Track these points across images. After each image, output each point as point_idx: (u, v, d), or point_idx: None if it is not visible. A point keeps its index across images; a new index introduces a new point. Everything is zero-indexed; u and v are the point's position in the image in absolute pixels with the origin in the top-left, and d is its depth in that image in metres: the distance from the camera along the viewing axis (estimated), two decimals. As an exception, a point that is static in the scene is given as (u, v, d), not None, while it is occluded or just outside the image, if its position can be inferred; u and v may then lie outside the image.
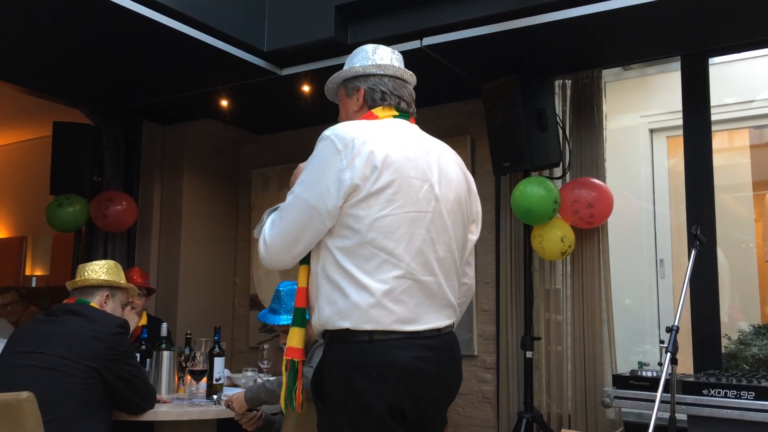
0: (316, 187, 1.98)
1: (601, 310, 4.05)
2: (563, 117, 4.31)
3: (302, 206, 1.98)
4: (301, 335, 2.08)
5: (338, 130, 2.04)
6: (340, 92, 2.27)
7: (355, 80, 2.22)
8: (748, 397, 2.98)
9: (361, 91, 2.20)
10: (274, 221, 2.01)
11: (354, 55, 2.27)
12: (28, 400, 2.54)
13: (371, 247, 1.95)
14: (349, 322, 1.94)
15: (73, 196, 4.98)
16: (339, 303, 1.96)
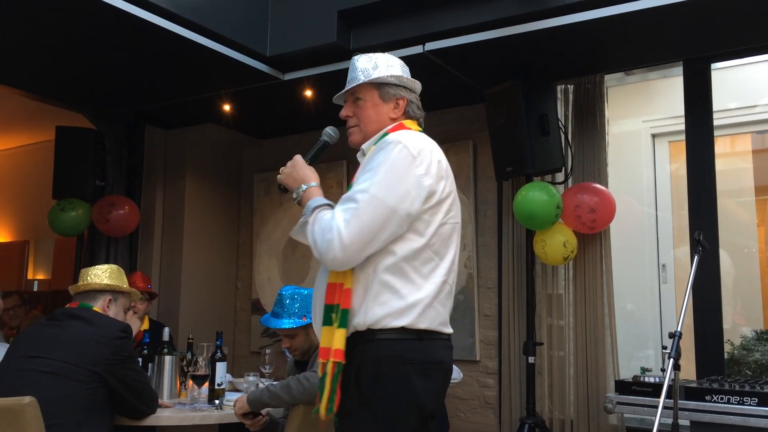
0: (396, 190, 1.98)
1: (604, 315, 4.05)
2: (565, 122, 4.31)
3: (381, 207, 1.96)
4: (344, 337, 1.99)
5: (407, 138, 2.06)
6: (370, 92, 2.24)
7: (397, 88, 2.24)
8: (751, 403, 2.97)
9: (404, 100, 2.24)
10: (348, 220, 1.95)
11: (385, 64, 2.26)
12: (30, 405, 2.54)
13: (431, 252, 2.04)
14: (405, 321, 1.98)
15: (75, 200, 4.99)
16: (393, 303, 1.99)
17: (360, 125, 2.27)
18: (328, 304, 2.04)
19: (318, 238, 2.00)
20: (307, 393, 2.75)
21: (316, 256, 2.03)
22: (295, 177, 2.20)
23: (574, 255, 4.04)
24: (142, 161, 5.46)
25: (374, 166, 2.02)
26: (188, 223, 5.40)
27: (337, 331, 1.99)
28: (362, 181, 2.02)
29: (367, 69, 2.23)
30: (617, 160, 4.54)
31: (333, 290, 2.04)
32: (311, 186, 2.17)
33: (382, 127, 2.23)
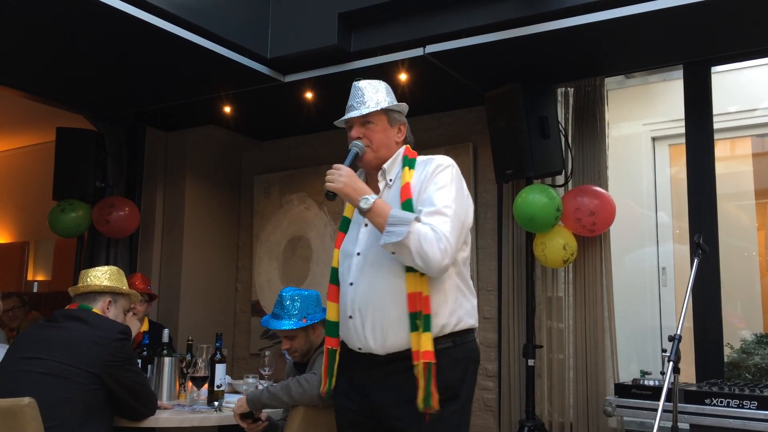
0: (463, 207, 2.32)
1: (603, 318, 4.04)
2: (566, 125, 4.31)
3: (459, 221, 2.27)
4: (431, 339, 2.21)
5: (452, 162, 2.43)
6: (380, 117, 2.47)
7: (400, 115, 2.52)
8: (751, 407, 2.97)
9: (405, 127, 2.53)
10: (451, 231, 2.22)
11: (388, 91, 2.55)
12: (29, 406, 2.54)
13: (468, 260, 2.43)
14: (473, 321, 2.37)
15: (75, 201, 4.99)
16: (465, 305, 2.35)
17: (372, 146, 2.44)
18: (413, 312, 2.22)
19: (429, 248, 2.18)
20: (307, 395, 2.75)
21: (419, 264, 2.18)
22: (354, 187, 2.29)
23: (574, 258, 4.03)
24: (143, 163, 5.46)
25: (443, 185, 2.31)
26: (188, 225, 5.40)
27: (423, 335, 2.20)
28: (440, 198, 2.28)
29: (376, 96, 2.49)
30: (617, 163, 4.54)
31: (414, 299, 2.22)
32: (377, 198, 2.27)
33: (391, 150, 2.47)
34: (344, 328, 2.39)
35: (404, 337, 2.24)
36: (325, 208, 5.37)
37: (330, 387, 2.44)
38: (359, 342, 2.33)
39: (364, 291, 2.32)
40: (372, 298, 2.30)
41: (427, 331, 2.20)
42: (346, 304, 2.36)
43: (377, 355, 2.31)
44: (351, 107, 2.50)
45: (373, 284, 2.31)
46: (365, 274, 2.33)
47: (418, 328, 2.20)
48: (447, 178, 2.33)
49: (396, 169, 2.45)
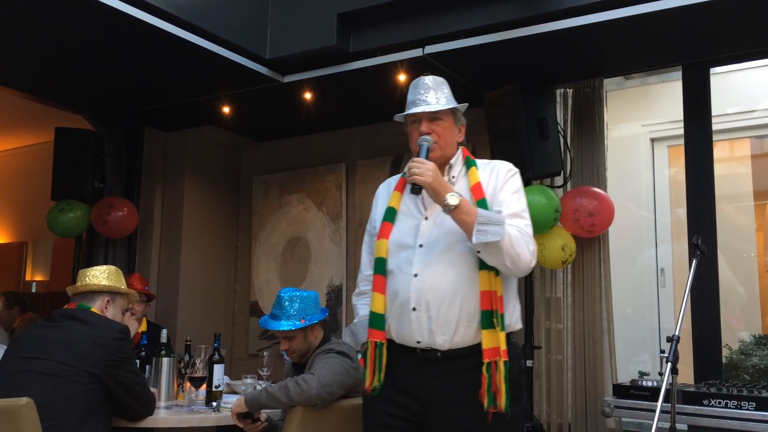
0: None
1: (602, 319, 4.05)
2: (564, 126, 4.31)
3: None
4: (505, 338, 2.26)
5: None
6: (449, 116, 2.48)
7: (462, 116, 2.53)
8: (749, 408, 2.97)
9: (464, 128, 2.54)
10: (532, 234, 2.34)
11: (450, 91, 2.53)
12: (27, 406, 2.54)
13: None
14: (521, 323, 2.44)
15: (74, 201, 4.99)
16: (518, 307, 2.43)
17: (440, 143, 2.41)
18: (487, 309, 2.25)
19: (521, 250, 2.25)
20: (305, 395, 2.74)
21: (507, 264, 2.23)
22: (441, 183, 2.27)
23: (573, 259, 4.04)
24: (142, 163, 5.46)
25: (516, 191, 2.41)
26: (187, 226, 5.40)
27: (500, 334, 2.24)
28: (516, 202, 2.38)
29: (445, 94, 2.49)
30: (616, 164, 4.54)
31: (488, 297, 2.26)
32: (462, 196, 2.26)
33: (454, 149, 2.47)
34: (399, 321, 2.34)
35: (472, 333, 2.26)
36: (324, 209, 5.37)
37: (380, 383, 2.32)
38: (420, 336, 2.29)
39: (431, 284, 2.29)
40: (441, 291, 2.28)
41: (503, 330, 2.25)
42: (408, 295, 2.30)
43: (434, 351, 2.28)
44: (420, 101, 2.43)
45: (442, 278, 2.29)
46: (432, 267, 2.30)
47: (495, 326, 2.23)
48: (518, 184, 2.43)
49: (458, 167, 2.46)
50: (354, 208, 5.26)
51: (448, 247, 2.31)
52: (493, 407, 2.18)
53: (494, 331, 2.22)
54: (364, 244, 2.63)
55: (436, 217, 2.36)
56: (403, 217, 2.43)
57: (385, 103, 4.65)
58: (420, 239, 2.35)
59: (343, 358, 2.95)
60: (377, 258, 2.40)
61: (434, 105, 2.41)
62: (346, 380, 2.87)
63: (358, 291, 2.63)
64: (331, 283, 5.27)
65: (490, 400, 2.18)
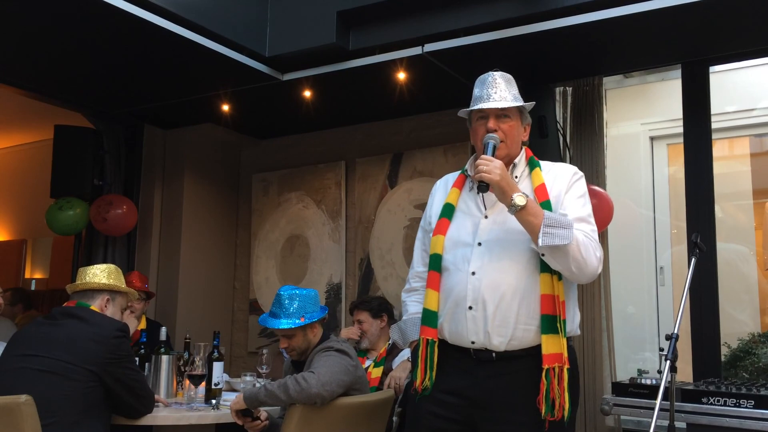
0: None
1: (601, 317, 4.05)
2: (564, 124, 4.31)
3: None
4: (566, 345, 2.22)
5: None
6: (515, 113, 2.42)
7: (528, 115, 2.48)
8: (748, 406, 2.97)
9: (529, 127, 2.51)
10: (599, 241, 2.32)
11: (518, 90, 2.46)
12: (27, 404, 2.54)
13: None
14: (578, 329, 2.40)
15: (73, 199, 4.99)
16: (578, 314, 2.39)
17: (507, 142, 2.37)
18: (548, 314, 2.21)
19: (588, 255, 2.23)
20: (304, 393, 2.75)
21: (573, 269, 2.20)
22: (509, 182, 2.22)
23: (572, 257, 4.03)
24: (141, 161, 5.46)
25: (582, 195, 2.36)
26: (186, 223, 5.40)
27: (563, 340, 2.20)
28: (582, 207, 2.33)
29: (513, 92, 2.42)
30: (615, 163, 4.54)
31: (550, 301, 2.21)
32: (529, 197, 2.22)
33: (519, 147, 2.44)
34: (453, 319, 2.29)
35: (530, 336, 2.22)
36: (324, 206, 5.37)
37: (432, 381, 2.27)
38: (475, 335, 2.24)
39: (490, 283, 2.24)
40: (500, 291, 2.23)
41: (565, 336, 2.21)
42: (465, 294, 2.26)
43: (488, 352, 2.24)
44: (487, 97, 2.36)
45: (502, 278, 2.24)
46: (490, 266, 2.26)
47: (558, 331, 2.18)
48: (583, 188, 2.38)
49: (521, 167, 2.42)
50: (353, 205, 5.26)
51: (508, 247, 2.26)
52: (550, 415, 2.13)
53: (557, 337, 2.17)
54: (417, 240, 2.58)
55: (496, 216, 2.32)
56: (461, 214, 2.39)
57: (385, 101, 4.67)
58: (479, 237, 2.31)
59: (343, 356, 2.95)
60: (433, 254, 2.35)
61: (502, 102, 2.35)
62: (346, 378, 2.88)
63: (408, 287, 2.57)
64: (331, 281, 5.27)
65: (548, 408, 2.13)
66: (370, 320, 3.99)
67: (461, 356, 2.28)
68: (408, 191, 4.98)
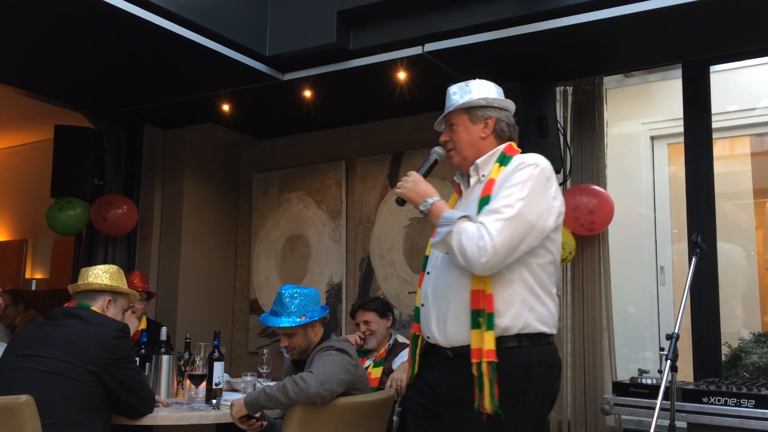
0: (535, 208, 2.25)
1: (602, 317, 4.05)
2: (564, 123, 4.31)
3: (524, 222, 2.21)
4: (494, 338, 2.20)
5: (542, 161, 2.33)
6: (461, 117, 2.48)
7: (485, 109, 2.47)
8: (748, 405, 2.97)
9: (492, 120, 2.46)
10: (500, 230, 2.18)
11: (469, 87, 2.49)
12: (27, 403, 2.54)
13: (554, 267, 2.36)
14: (546, 327, 2.30)
15: (73, 199, 4.98)
16: (538, 309, 2.28)
17: (456, 148, 2.47)
18: (475, 309, 2.23)
19: (468, 246, 2.19)
20: (304, 393, 2.75)
21: (462, 262, 2.22)
22: (418, 191, 2.38)
23: (573, 257, 4.04)
24: (141, 161, 5.46)
25: (516, 183, 2.26)
26: (187, 223, 5.40)
27: (486, 334, 2.19)
28: (507, 196, 2.24)
29: (457, 97, 2.48)
30: (616, 162, 4.54)
31: (477, 296, 2.24)
32: (438, 200, 2.35)
33: (479, 147, 2.45)
34: (418, 315, 2.47)
35: (464, 332, 2.26)
36: (324, 206, 5.38)
37: (413, 372, 2.46)
38: (427, 330, 2.39)
39: (434, 281, 2.39)
40: (439, 288, 2.36)
41: (490, 329, 2.19)
42: (422, 292, 2.45)
43: (444, 348, 2.34)
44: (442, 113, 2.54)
45: (443, 276, 2.36)
46: (440, 266, 2.39)
47: (480, 325, 2.20)
48: (523, 176, 2.27)
49: (489, 165, 2.44)
50: (354, 205, 5.26)
51: None
52: (483, 408, 2.17)
53: (479, 331, 2.20)
54: None
55: None
56: None
57: (385, 101, 4.67)
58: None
59: (343, 355, 2.95)
60: (425, 255, 2.54)
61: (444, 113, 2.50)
62: (345, 377, 2.88)
63: None
64: (331, 281, 5.27)
65: (479, 401, 2.18)
66: (378, 320, 3.99)
67: (433, 351, 2.41)
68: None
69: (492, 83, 2.54)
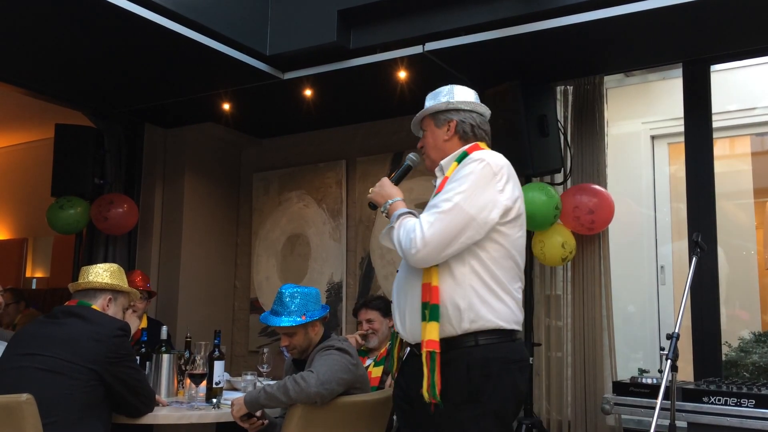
0: (476, 201, 2.27)
1: (602, 316, 4.05)
2: (565, 123, 4.31)
3: (461, 215, 2.25)
4: (438, 329, 2.24)
5: (491, 157, 2.36)
6: (428, 123, 2.57)
7: (447, 113, 2.54)
8: (749, 405, 2.98)
9: (453, 122, 2.53)
10: (432, 222, 2.24)
11: (440, 93, 2.58)
12: (28, 402, 2.54)
13: (511, 261, 2.35)
14: (503, 322, 2.29)
15: (74, 198, 4.99)
16: (493, 304, 2.29)
17: (426, 153, 2.58)
18: (424, 302, 2.28)
19: (402, 239, 2.30)
20: (304, 393, 2.75)
21: (401, 255, 2.32)
22: (382, 194, 2.51)
23: (573, 256, 4.04)
24: (142, 160, 5.46)
25: (459, 178, 2.31)
26: (187, 222, 5.40)
27: (429, 325, 2.24)
28: (447, 191, 2.30)
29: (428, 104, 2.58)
30: (616, 162, 4.54)
31: (425, 289, 2.29)
32: (396, 200, 2.46)
33: (443, 149, 2.52)
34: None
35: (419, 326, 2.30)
36: (324, 205, 5.38)
37: (392, 369, 2.56)
38: (396, 326, 2.48)
39: (398, 278, 2.49)
40: (401, 284, 2.45)
41: (432, 320, 2.23)
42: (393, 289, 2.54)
43: (411, 344, 2.42)
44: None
45: (405, 272, 2.44)
46: (403, 263, 2.46)
47: (425, 317, 2.25)
48: (466, 171, 2.32)
49: (448, 166, 2.49)
50: (354, 204, 5.26)
51: None
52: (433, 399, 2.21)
53: (425, 323, 2.25)
54: None
55: None
56: None
57: (386, 100, 4.67)
58: None
59: (343, 354, 2.95)
60: None
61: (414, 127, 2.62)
62: (346, 377, 2.88)
63: None
64: (331, 280, 5.27)
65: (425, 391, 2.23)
66: (381, 319, 3.99)
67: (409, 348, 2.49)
68: (409, 190, 4.97)
69: (464, 88, 2.60)
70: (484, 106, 2.61)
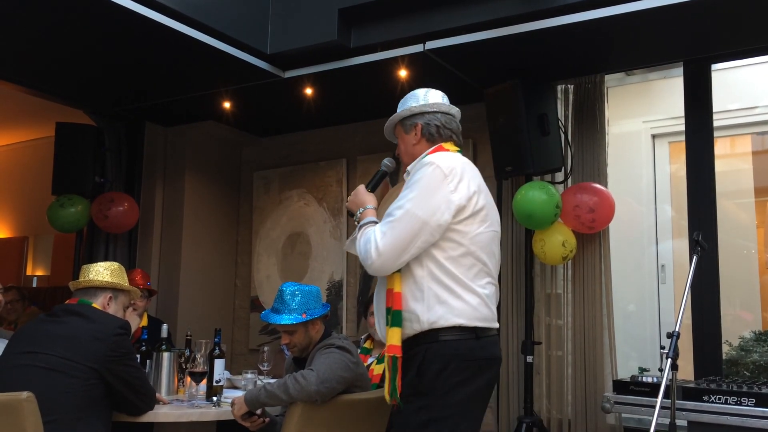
0: (427, 205, 2.31)
1: (602, 315, 4.05)
2: (565, 122, 4.31)
3: (413, 220, 2.29)
4: (400, 334, 2.30)
5: (441, 160, 2.38)
6: (398, 130, 2.66)
7: (412, 118, 2.61)
8: (749, 404, 2.98)
9: (418, 126, 2.58)
10: (385, 232, 2.31)
11: (407, 99, 2.66)
12: (28, 400, 2.54)
13: (472, 258, 2.36)
14: (463, 319, 2.30)
15: (74, 196, 4.99)
16: (451, 302, 2.30)
17: (401, 158, 2.66)
18: (388, 307, 2.34)
19: (361, 249, 2.36)
20: (304, 391, 2.75)
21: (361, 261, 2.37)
22: (356, 202, 2.57)
23: (573, 255, 4.04)
24: (142, 158, 5.46)
25: (411, 184, 2.37)
26: (187, 221, 5.40)
27: (390, 330, 2.30)
28: (400, 198, 2.36)
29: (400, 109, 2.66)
30: (617, 161, 4.54)
31: (389, 295, 2.35)
32: (367, 208, 2.51)
33: (412, 153, 2.59)
34: None
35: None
36: (325, 204, 5.38)
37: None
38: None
39: (378, 283, 2.53)
40: (378, 290, 2.51)
41: (395, 326, 2.29)
42: None
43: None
44: None
45: (380, 278, 2.47)
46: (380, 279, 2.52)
47: (388, 322, 2.32)
48: (417, 177, 2.37)
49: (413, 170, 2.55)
50: (354, 203, 5.26)
51: None
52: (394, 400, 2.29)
53: (388, 328, 2.32)
54: None
55: None
56: None
57: (386, 99, 4.64)
58: None
59: (343, 353, 2.95)
60: None
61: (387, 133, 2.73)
62: (346, 375, 2.88)
63: None
64: (332, 279, 5.27)
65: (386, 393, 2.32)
66: None
67: None
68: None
69: (430, 90, 2.64)
70: (450, 106, 2.63)
